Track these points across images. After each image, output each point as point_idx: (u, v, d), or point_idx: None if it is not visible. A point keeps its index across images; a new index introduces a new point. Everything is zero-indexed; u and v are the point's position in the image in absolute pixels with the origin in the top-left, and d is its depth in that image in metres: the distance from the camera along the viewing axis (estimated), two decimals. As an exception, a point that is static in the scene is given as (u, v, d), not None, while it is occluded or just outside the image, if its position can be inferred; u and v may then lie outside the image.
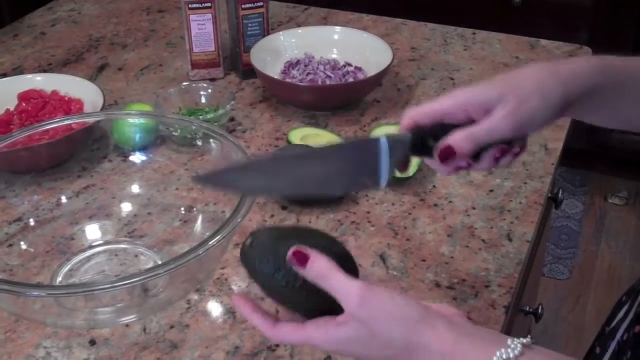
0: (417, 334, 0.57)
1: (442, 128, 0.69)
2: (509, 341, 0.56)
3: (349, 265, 0.62)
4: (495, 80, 0.70)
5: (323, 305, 0.60)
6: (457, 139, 0.68)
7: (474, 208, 1.01)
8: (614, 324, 0.88)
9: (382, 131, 1.10)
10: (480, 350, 0.57)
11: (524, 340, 0.57)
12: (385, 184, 0.69)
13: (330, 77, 1.25)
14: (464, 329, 0.59)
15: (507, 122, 0.68)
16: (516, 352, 0.55)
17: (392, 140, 0.69)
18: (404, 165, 0.72)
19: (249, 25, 1.29)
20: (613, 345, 0.84)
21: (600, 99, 0.71)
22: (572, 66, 0.70)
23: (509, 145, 0.70)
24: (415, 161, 1.03)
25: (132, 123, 1.03)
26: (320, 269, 0.59)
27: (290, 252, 0.59)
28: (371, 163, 0.68)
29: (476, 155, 0.70)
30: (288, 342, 0.63)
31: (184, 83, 1.25)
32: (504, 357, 0.55)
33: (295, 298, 0.61)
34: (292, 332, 0.61)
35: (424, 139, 0.70)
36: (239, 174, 0.68)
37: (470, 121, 0.69)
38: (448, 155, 0.68)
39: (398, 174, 1.02)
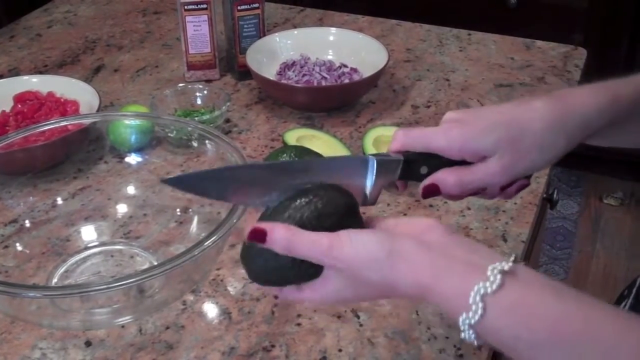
0: (391, 269, 0.56)
1: (436, 157, 0.67)
2: (489, 271, 0.53)
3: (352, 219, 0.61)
4: (494, 125, 0.66)
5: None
6: (444, 180, 0.67)
7: (469, 209, 1.01)
8: None
9: (378, 132, 1.11)
10: (457, 279, 0.54)
11: (506, 267, 0.53)
12: (368, 204, 0.68)
13: (325, 78, 1.25)
14: (439, 252, 0.56)
15: (501, 175, 0.66)
16: (494, 286, 0.52)
17: (383, 161, 0.67)
18: (402, 186, 0.70)
19: (245, 26, 1.29)
20: None
21: (605, 134, 0.70)
22: (581, 112, 0.67)
23: (514, 182, 0.69)
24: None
25: (128, 124, 1.03)
26: (282, 239, 0.57)
27: (247, 234, 0.58)
28: (357, 182, 0.66)
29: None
30: (292, 301, 0.66)
31: (180, 84, 1.25)
32: (481, 292, 0.52)
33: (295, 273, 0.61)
34: (294, 293, 0.62)
35: (416, 166, 0.68)
36: (213, 180, 0.65)
37: (462, 160, 0.67)
38: (432, 193, 0.68)
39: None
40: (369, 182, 0.67)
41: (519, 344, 0.53)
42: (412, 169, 0.68)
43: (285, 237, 0.57)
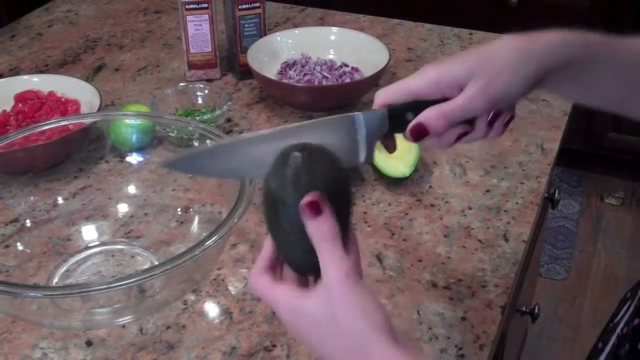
0: (372, 340, 0.55)
1: (418, 103, 0.68)
2: None
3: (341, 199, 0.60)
4: (465, 56, 0.68)
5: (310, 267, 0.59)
6: (429, 117, 0.67)
7: (470, 208, 1.01)
8: (617, 319, 0.88)
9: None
10: None
11: None
12: (365, 162, 0.68)
13: (327, 77, 1.25)
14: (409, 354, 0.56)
15: (479, 99, 0.67)
16: None
17: (368, 115, 0.68)
18: (390, 143, 0.71)
19: (246, 25, 1.29)
20: (613, 339, 0.84)
21: (575, 73, 0.69)
22: (546, 40, 0.68)
23: (498, 115, 0.69)
24: (411, 161, 1.03)
25: (129, 124, 1.03)
26: (324, 233, 0.56)
27: (306, 200, 0.57)
28: (348, 140, 0.67)
29: (470, 123, 0.69)
30: (258, 294, 0.61)
31: (181, 84, 1.25)
32: None
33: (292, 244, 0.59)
34: (265, 288, 0.60)
35: (402, 114, 0.69)
36: (208, 158, 0.66)
37: (444, 98, 0.68)
38: (420, 133, 0.68)
39: (393, 174, 1.03)
40: (361, 138, 0.68)
41: None
42: (399, 120, 0.69)
43: (329, 228, 0.56)
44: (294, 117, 1.21)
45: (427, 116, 0.67)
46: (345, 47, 1.32)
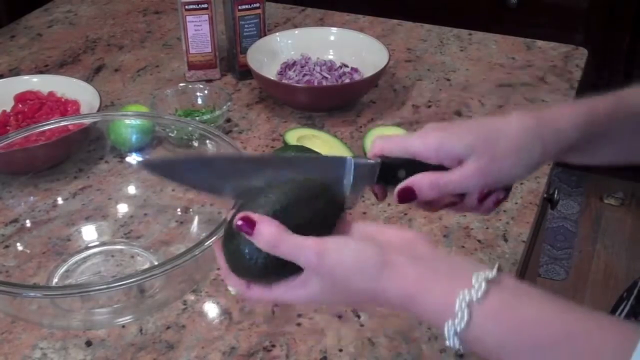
0: (377, 280, 0.56)
1: (413, 163, 0.68)
2: (474, 279, 0.54)
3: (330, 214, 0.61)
4: (471, 127, 0.68)
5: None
6: (420, 183, 0.67)
7: (469, 209, 1.01)
8: None
9: (379, 132, 1.11)
10: (442, 288, 0.55)
11: (490, 275, 0.54)
12: (348, 208, 0.69)
13: (326, 78, 1.25)
14: (426, 264, 0.57)
15: (477, 178, 0.66)
16: (480, 293, 0.53)
17: (361, 162, 0.67)
18: (379, 192, 0.70)
19: (246, 26, 1.29)
20: None
21: (583, 147, 0.70)
22: (556, 125, 0.67)
23: (489, 194, 0.69)
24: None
25: (129, 124, 1.03)
26: (270, 235, 0.57)
27: (237, 219, 0.58)
28: (334, 181, 0.67)
29: (461, 195, 0.69)
30: (261, 300, 0.62)
31: (181, 84, 1.25)
32: (467, 299, 0.53)
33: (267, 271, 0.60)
34: (263, 293, 0.61)
35: (395, 170, 0.68)
36: (192, 168, 0.65)
37: (440, 164, 0.67)
38: (408, 196, 0.67)
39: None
40: (347, 183, 0.67)
41: (503, 351, 0.53)
42: (390, 173, 0.68)
43: (271, 234, 0.57)
44: (293, 117, 1.22)
45: (419, 182, 0.67)
46: (345, 47, 1.32)
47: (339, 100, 1.23)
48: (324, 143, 1.09)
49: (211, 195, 0.74)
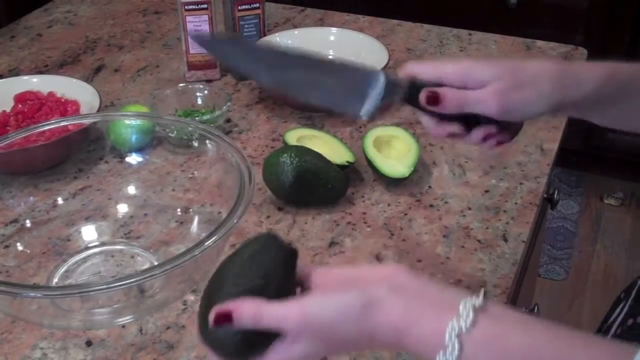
0: (367, 320, 0.56)
1: (439, 86, 0.71)
2: (461, 307, 0.54)
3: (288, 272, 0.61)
4: (498, 61, 0.71)
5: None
6: (445, 92, 0.71)
7: (469, 209, 1.01)
8: (610, 320, 0.88)
9: (378, 132, 1.11)
10: (429, 321, 0.55)
11: (477, 303, 0.54)
12: (363, 117, 0.71)
13: (326, 78, 1.25)
14: (410, 293, 0.57)
15: (495, 100, 0.70)
16: (468, 322, 0.53)
17: (390, 79, 0.72)
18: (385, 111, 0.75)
19: (245, 26, 1.29)
20: None
21: (602, 105, 0.73)
22: (578, 73, 0.71)
23: (499, 129, 0.73)
24: (411, 161, 1.03)
25: (129, 124, 1.03)
26: (249, 317, 0.57)
27: (211, 318, 0.57)
28: (360, 89, 0.70)
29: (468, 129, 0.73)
30: None
31: (181, 84, 1.25)
32: (456, 329, 0.53)
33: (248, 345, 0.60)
34: None
35: (420, 90, 0.72)
36: (237, 50, 0.70)
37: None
38: (433, 100, 0.71)
39: (392, 174, 1.03)
40: (373, 94, 0.71)
41: None
42: (415, 94, 0.72)
43: (251, 312, 0.57)
44: (293, 117, 1.22)
45: (444, 90, 0.71)
46: (345, 47, 1.32)
47: (339, 100, 1.23)
48: (324, 143, 1.09)
49: (249, 77, 0.82)
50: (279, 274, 0.60)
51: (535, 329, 0.54)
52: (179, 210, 0.98)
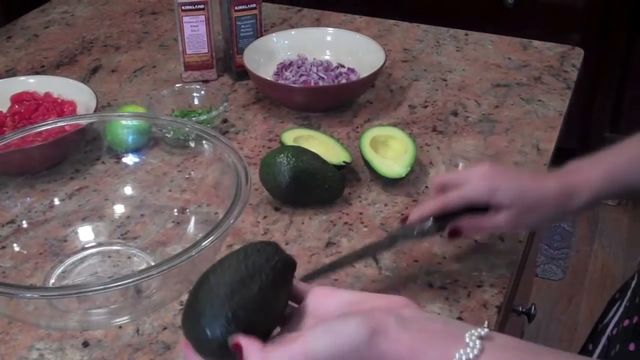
0: (372, 349, 0.55)
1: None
2: (467, 338, 0.54)
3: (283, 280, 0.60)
4: (513, 185, 0.82)
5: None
6: (463, 225, 0.85)
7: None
8: (606, 320, 0.88)
9: (375, 132, 1.10)
10: (437, 351, 0.54)
11: (482, 333, 0.54)
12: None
13: (323, 78, 1.25)
14: (417, 326, 0.56)
15: (508, 225, 0.83)
16: (475, 351, 0.53)
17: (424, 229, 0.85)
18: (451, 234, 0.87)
19: (242, 26, 1.29)
20: (603, 341, 0.84)
21: (606, 200, 0.86)
22: (576, 188, 0.82)
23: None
24: (407, 162, 1.03)
25: (125, 125, 1.03)
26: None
27: (232, 346, 0.56)
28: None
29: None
30: None
31: (177, 85, 1.25)
32: (464, 358, 0.53)
33: None
34: None
35: (442, 223, 0.86)
36: None
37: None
38: (456, 234, 0.86)
39: (389, 174, 1.03)
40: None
41: None
42: (439, 227, 0.86)
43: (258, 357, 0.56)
44: (290, 117, 1.22)
45: (464, 225, 0.85)
46: (342, 47, 1.32)
47: (336, 100, 1.23)
48: (320, 143, 1.09)
49: None
50: (269, 274, 0.59)
51: (543, 357, 0.54)
52: (175, 210, 0.98)
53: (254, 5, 1.28)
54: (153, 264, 0.88)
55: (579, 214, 0.85)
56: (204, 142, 0.92)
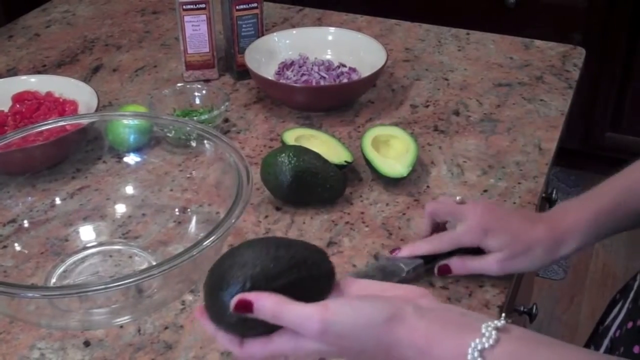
0: (388, 333, 0.56)
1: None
2: (483, 328, 0.55)
3: (316, 286, 0.61)
4: (507, 234, 0.83)
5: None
6: (455, 265, 0.86)
7: (468, 208, 1.01)
8: (607, 322, 0.88)
9: (377, 132, 1.10)
10: (453, 340, 0.55)
11: (499, 324, 0.55)
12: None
13: (324, 78, 1.25)
14: (433, 315, 0.57)
15: (497, 266, 0.84)
16: (491, 341, 0.54)
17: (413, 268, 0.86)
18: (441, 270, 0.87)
19: (244, 26, 1.29)
20: (606, 343, 0.84)
21: (595, 241, 0.85)
22: (565, 235, 0.83)
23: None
24: (409, 161, 1.03)
25: (127, 124, 1.03)
26: (268, 312, 0.57)
27: (232, 304, 0.57)
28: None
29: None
30: (258, 357, 0.61)
31: (179, 84, 1.25)
32: (478, 348, 0.54)
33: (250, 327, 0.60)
34: (261, 348, 0.60)
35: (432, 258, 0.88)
36: None
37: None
38: (445, 271, 0.87)
39: (391, 174, 1.03)
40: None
41: None
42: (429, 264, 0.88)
43: (272, 310, 0.57)
44: (291, 117, 1.22)
45: (453, 263, 0.86)
46: (343, 47, 1.32)
47: (337, 100, 1.23)
48: (322, 143, 1.09)
49: None
50: (303, 274, 0.59)
51: (558, 351, 0.54)
52: (177, 210, 0.98)
53: (255, 5, 1.28)
54: (154, 263, 0.88)
55: (567, 257, 0.87)
56: (205, 141, 0.92)
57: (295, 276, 0.59)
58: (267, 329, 0.59)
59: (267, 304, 0.57)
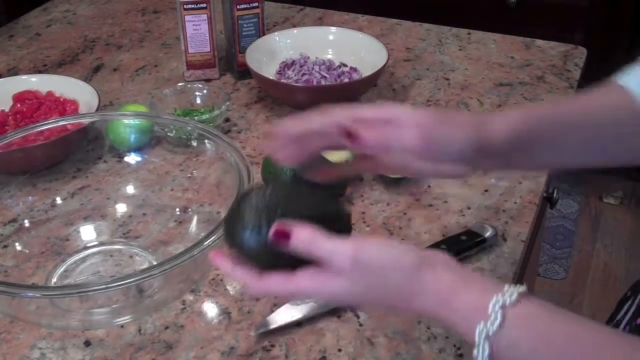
0: (416, 277, 0.58)
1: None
2: (506, 287, 0.57)
3: (339, 226, 0.63)
4: (429, 111, 0.70)
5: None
6: (372, 143, 0.70)
7: (469, 208, 1.01)
8: (617, 318, 0.88)
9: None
10: (476, 294, 0.57)
11: (520, 289, 0.57)
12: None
13: (325, 77, 1.25)
14: (461, 273, 0.59)
15: (418, 131, 0.67)
16: (512, 298, 0.56)
17: None
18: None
19: (244, 25, 1.29)
20: None
21: (525, 147, 0.69)
22: (493, 116, 0.70)
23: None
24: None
25: (127, 124, 1.03)
26: (305, 241, 0.59)
27: (271, 233, 0.59)
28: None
29: None
30: (276, 293, 0.62)
31: (179, 84, 1.25)
32: (500, 302, 0.55)
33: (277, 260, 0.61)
34: (282, 284, 0.60)
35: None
36: None
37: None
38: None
39: (392, 174, 1.03)
40: None
41: (533, 359, 0.55)
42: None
43: (307, 240, 0.59)
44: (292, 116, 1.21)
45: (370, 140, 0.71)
46: (344, 47, 1.32)
47: (338, 99, 1.22)
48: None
49: None
50: (327, 205, 0.64)
51: (576, 320, 0.56)
52: (177, 209, 0.98)
53: (256, 4, 1.28)
54: (155, 263, 0.88)
55: (503, 156, 0.69)
56: (206, 141, 0.92)
57: (320, 211, 0.62)
58: (288, 268, 0.60)
59: (302, 235, 0.59)
